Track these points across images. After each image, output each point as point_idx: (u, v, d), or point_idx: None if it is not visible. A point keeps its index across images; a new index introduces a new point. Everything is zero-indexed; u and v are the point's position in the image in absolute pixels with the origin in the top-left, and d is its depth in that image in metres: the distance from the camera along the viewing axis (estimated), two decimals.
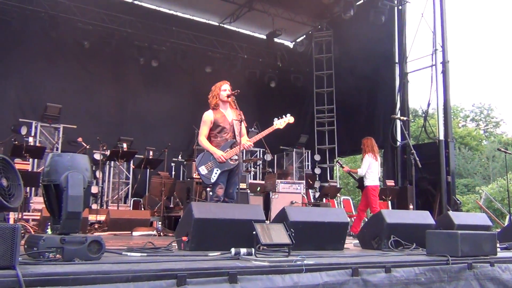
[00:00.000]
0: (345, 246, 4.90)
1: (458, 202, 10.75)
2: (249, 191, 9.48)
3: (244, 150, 5.74)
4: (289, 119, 5.95)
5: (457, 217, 5.47)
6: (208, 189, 7.67)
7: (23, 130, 10.31)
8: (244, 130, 5.72)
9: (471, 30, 63.36)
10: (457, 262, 3.93)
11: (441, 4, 11.47)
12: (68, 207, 2.95)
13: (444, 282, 3.75)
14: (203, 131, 5.71)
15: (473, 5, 62.35)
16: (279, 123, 5.90)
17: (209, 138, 5.73)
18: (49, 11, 11.63)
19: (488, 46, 61.31)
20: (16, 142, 8.93)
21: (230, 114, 5.80)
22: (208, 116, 5.71)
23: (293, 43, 16.45)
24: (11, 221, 7.78)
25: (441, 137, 11.03)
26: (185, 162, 11.75)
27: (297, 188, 10.50)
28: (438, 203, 10.53)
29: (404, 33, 12.38)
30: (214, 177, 5.51)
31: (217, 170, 5.53)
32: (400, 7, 12.61)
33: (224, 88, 5.77)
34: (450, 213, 5.70)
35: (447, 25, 11.38)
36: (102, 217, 8.49)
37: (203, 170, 5.54)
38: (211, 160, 5.56)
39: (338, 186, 14.08)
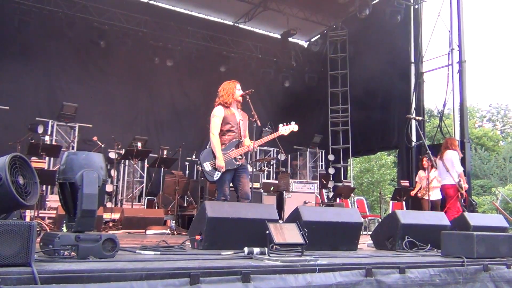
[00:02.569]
0: (359, 246, 4.87)
1: (474, 203, 10.60)
2: (262, 191, 9.49)
3: (249, 152, 5.73)
4: (293, 127, 5.96)
5: (473, 218, 5.39)
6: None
7: (40, 129, 10.41)
8: (247, 132, 5.73)
9: (488, 29, 62.55)
10: (472, 264, 3.88)
11: (458, 3, 11.33)
12: (83, 205, 2.98)
13: (460, 284, 3.70)
14: (217, 126, 5.63)
15: (490, 3, 61.57)
16: (284, 130, 5.91)
17: None
18: (66, 11, 11.75)
19: (506, 45, 60.48)
20: (33, 141, 9.06)
21: (238, 114, 5.80)
22: (220, 111, 5.66)
23: (308, 42, 16.41)
24: (27, 219, 7.89)
25: (457, 138, 10.88)
26: (198, 161, 11.76)
27: (310, 188, 10.47)
28: None
29: (420, 33, 12.27)
30: (217, 175, 5.51)
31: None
32: (416, 6, 12.52)
33: (239, 88, 5.78)
34: (466, 214, 5.60)
35: (464, 24, 11.26)
36: (116, 216, 8.56)
37: (207, 166, 5.56)
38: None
39: (352, 186, 14.04)
